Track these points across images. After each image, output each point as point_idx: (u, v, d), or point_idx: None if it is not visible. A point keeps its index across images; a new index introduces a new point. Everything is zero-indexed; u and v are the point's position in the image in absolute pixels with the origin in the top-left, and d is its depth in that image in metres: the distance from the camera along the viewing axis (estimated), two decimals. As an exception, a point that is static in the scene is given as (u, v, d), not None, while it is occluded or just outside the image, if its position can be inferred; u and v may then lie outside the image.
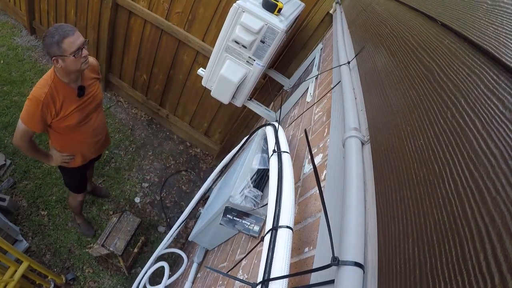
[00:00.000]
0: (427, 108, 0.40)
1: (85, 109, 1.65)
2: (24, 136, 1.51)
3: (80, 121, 1.64)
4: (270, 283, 0.47)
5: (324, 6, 2.00)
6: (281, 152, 0.82)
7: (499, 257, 0.20)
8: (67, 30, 1.36)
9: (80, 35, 1.41)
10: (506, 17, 0.34)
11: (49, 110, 1.47)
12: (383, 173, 0.45)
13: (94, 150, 1.90)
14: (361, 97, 0.74)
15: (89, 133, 1.76)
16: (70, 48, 1.37)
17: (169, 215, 2.79)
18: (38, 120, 1.47)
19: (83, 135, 1.74)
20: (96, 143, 1.86)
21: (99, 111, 1.79)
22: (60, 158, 1.75)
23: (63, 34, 1.34)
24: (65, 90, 1.52)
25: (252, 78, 1.54)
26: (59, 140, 1.71)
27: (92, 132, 1.77)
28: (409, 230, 0.33)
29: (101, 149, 2.00)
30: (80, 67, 1.46)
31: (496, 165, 0.25)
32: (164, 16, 2.52)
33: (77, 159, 1.83)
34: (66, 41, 1.35)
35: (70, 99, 1.55)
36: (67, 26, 1.38)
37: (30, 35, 3.78)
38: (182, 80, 2.87)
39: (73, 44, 1.37)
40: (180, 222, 1.59)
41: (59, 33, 1.34)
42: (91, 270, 2.27)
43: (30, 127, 1.48)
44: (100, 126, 1.84)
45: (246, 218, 0.92)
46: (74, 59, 1.40)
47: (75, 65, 1.43)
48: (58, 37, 1.34)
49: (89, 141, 1.81)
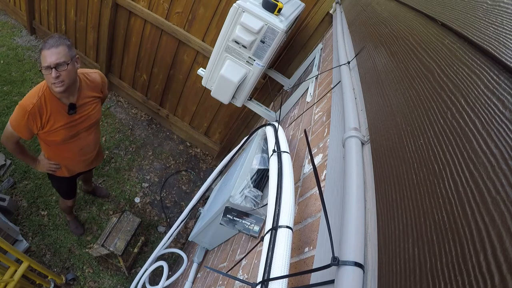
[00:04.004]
0: (427, 108, 0.40)
1: (75, 128, 1.55)
2: (11, 138, 1.47)
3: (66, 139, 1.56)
4: (270, 283, 0.47)
5: (324, 6, 2.00)
6: (281, 152, 0.82)
7: (499, 257, 0.20)
8: (48, 43, 1.28)
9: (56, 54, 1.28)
10: (506, 17, 0.34)
11: (35, 121, 1.41)
12: (383, 173, 0.45)
13: (82, 166, 1.83)
14: (361, 97, 0.74)
15: (75, 151, 1.68)
16: (42, 62, 1.29)
17: (169, 215, 2.79)
18: (23, 128, 1.42)
19: (70, 152, 1.67)
20: (83, 161, 1.79)
21: (91, 131, 1.69)
22: (47, 165, 1.69)
23: (43, 45, 1.28)
24: (55, 104, 1.43)
25: (252, 78, 1.54)
26: (46, 149, 1.67)
27: (79, 151, 1.69)
28: (409, 230, 0.33)
29: (91, 166, 1.92)
30: (51, 87, 1.35)
31: (496, 165, 0.25)
32: (164, 16, 2.52)
33: (63, 170, 1.77)
34: (42, 53, 1.28)
35: (58, 115, 1.46)
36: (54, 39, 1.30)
37: (30, 35, 3.78)
38: (182, 80, 2.87)
39: (44, 60, 1.28)
40: (179, 222, 1.59)
41: (44, 42, 1.28)
42: (91, 270, 2.27)
43: (16, 132, 1.44)
44: (90, 146, 1.74)
45: (246, 218, 0.92)
46: (46, 76, 1.31)
47: (48, 82, 1.34)
48: (41, 46, 1.29)
49: (76, 159, 1.74)
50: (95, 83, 1.58)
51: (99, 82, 1.61)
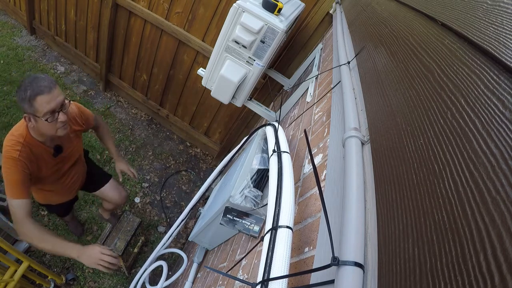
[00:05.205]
0: (427, 108, 0.40)
1: (61, 169, 1.45)
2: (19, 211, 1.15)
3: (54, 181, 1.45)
4: (270, 283, 0.47)
5: (324, 6, 2.00)
6: (281, 152, 0.82)
7: (499, 257, 0.20)
8: (42, 86, 1.09)
9: (58, 95, 1.14)
10: (506, 17, 0.34)
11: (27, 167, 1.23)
12: (383, 173, 0.45)
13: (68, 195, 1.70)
14: (361, 97, 0.74)
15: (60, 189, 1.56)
16: (42, 109, 1.10)
17: (169, 215, 2.79)
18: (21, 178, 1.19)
19: (54, 188, 1.53)
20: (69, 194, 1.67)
21: (77, 164, 1.57)
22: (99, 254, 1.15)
23: (36, 90, 1.09)
24: (40, 150, 1.27)
25: (252, 78, 1.54)
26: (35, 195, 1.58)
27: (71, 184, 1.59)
28: (409, 230, 0.33)
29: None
30: (55, 132, 1.21)
31: (496, 165, 0.25)
32: (164, 16, 2.52)
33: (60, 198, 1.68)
34: (39, 100, 1.09)
35: (45, 160, 1.31)
36: (44, 80, 1.12)
37: (30, 35, 3.77)
38: (182, 80, 2.87)
39: (47, 106, 1.11)
40: (179, 222, 1.59)
41: (32, 87, 1.09)
42: (91, 270, 2.27)
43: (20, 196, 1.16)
44: (77, 183, 1.64)
45: (246, 218, 0.92)
46: (48, 124, 1.15)
47: (48, 130, 1.19)
48: (30, 92, 1.08)
49: (69, 189, 1.62)
50: (74, 114, 1.43)
51: (77, 113, 1.45)
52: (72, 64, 3.66)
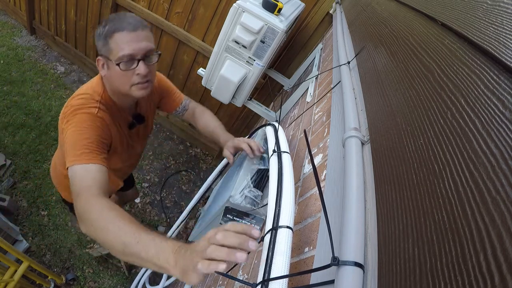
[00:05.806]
0: (427, 108, 0.40)
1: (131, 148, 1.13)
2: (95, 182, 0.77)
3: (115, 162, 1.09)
4: (270, 283, 0.47)
5: (324, 6, 2.00)
6: (281, 152, 0.82)
7: (499, 257, 0.20)
8: (126, 23, 0.82)
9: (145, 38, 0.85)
10: (506, 17, 0.34)
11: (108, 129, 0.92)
12: (383, 173, 0.45)
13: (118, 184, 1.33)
14: (361, 97, 0.74)
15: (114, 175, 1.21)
16: (118, 49, 0.82)
17: (169, 215, 2.79)
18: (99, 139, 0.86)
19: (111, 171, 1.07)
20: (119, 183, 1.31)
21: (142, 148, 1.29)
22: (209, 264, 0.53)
23: (117, 25, 0.82)
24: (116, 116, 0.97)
25: (252, 78, 1.54)
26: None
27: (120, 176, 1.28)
28: (409, 230, 0.33)
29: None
30: (128, 90, 0.90)
31: (496, 165, 0.25)
32: (164, 16, 2.52)
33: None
34: (117, 37, 0.82)
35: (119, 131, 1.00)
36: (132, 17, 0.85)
37: (30, 35, 3.77)
38: (182, 80, 2.86)
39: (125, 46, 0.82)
40: (179, 222, 1.59)
41: (114, 22, 0.83)
42: (91, 270, 2.27)
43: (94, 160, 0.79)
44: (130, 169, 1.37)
45: (246, 218, 0.92)
46: (121, 73, 0.85)
47: (121, 83, 0.89)
48: (109, 27, 0.83)
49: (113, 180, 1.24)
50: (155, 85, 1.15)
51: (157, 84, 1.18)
52: (72, 64, 3.66)
